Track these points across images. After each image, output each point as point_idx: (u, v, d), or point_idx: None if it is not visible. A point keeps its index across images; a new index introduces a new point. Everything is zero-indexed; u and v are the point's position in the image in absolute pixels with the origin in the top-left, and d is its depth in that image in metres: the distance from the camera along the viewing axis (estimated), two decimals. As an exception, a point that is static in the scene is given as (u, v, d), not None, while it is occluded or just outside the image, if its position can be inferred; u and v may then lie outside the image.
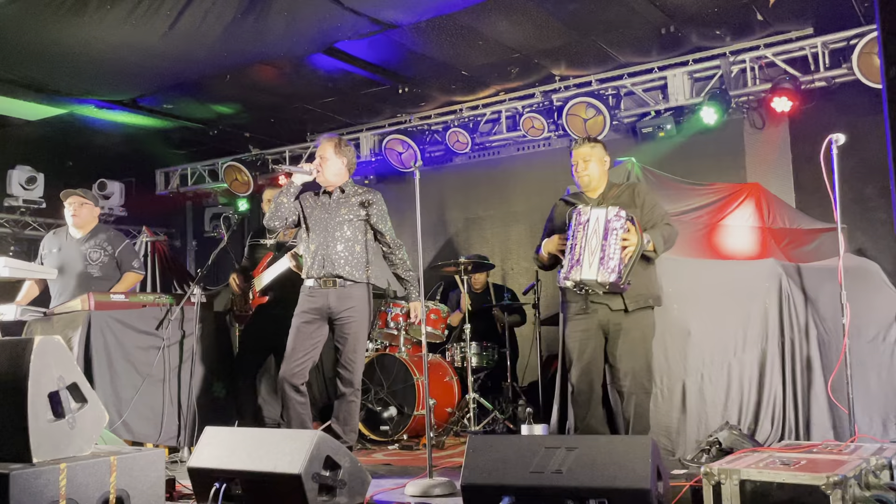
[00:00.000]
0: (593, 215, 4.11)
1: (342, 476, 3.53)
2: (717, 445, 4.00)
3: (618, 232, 4.02)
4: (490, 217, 8.30)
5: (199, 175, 9.76)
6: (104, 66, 6.52)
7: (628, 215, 4.07)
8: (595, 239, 4.04)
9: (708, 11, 6.06)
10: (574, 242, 4.12)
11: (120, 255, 5.61)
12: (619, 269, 4.00)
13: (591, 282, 4.05)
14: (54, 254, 5.55)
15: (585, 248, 4.07)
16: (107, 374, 4.81)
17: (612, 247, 4.01)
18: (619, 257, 4.00)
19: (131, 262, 5.66)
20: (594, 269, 4.03)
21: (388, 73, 7.21)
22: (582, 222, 4.13)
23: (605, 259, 4.01)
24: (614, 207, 4.08)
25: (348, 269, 4.60)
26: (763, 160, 6.80)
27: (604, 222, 4.05)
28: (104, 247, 5.57)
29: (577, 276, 4.07)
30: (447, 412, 6.26)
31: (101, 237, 5.62)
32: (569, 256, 4.14)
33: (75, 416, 3.26)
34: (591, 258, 4.04)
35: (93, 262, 5.51)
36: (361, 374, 4.69)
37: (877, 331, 4.57)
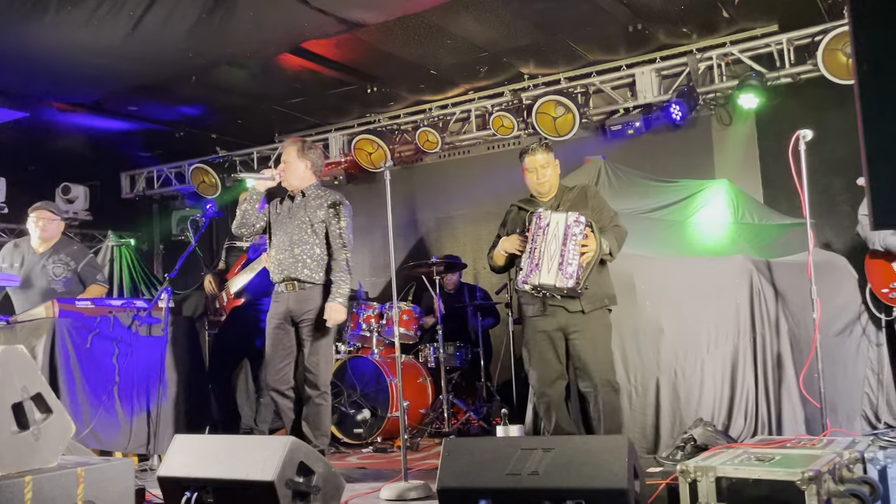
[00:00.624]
0: (553, 220, 4.09)
1: (316, 482, 3.48)
2: (692, 442, 4.01)
3: (577, 238, 4.01)
4: (461, 216, 8.27)
5: (165, 178, 9.61)
6: (66, 68, 6.40)
7: (588, 221, 4.06)
8: (555, 244, 4.03)
9: (674, 9, 6.10)
10: (534, 246, 4.10)
11: (83, 270, 5.59)
12: (577, 274, 3.99)
13: (549, 286, 4.04)
14: (16, 268, 5.51)
15: (545, 253, 4.05)
16: (73, 382, 4.70)
17: (571, 252, 4.00)
18: (578, 263, 4.00)
19: (94, 275, 5.66)
20: (552, 274, 4.01)
21: (356, 72, 7.15)
22: (542, 226, 4.10)
23: (563, 264, 4.00)
24: (574, 213, 4.07)
25: (307, 272, 4.58)
26: (731, 157, 6.86)
27: (563, 227, 4.04)
28: (67, 262, 5.55)
29: (536, 280, 4.06)
30: (421, 413, 6.23)
31: (63, 253, 5.59)
32: (528, 260, 4.11)
33: (40, 427, 3.17)
34: (550, 263, 4.03)
35: (55, 277, 5.49)
36: (328, 376, 4.64)
37: (844, 325, 4.63)
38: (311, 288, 4.58)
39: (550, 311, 4.20)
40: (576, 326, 4.17)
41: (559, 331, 4.21)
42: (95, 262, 5.77)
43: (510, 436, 3.99)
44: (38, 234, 5.54)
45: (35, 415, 3.18)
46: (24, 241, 5.67)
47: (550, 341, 4.23)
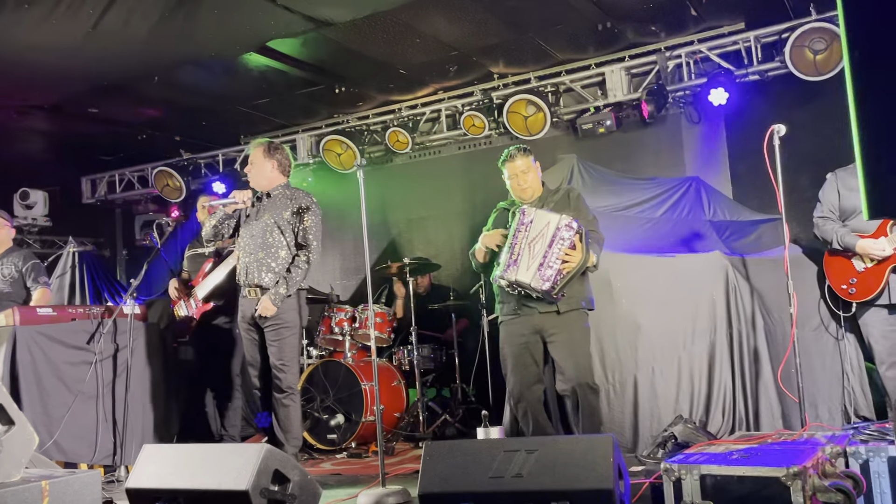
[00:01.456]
0: (539, 217, 4.03)
1: (292, 490, 3.38)
2: (673, 439, 3.99)
3: (564, 243, 3.95)
4: (433, 217, 8.20)
5: (127, 182, 9.40)
6: (24, 69, 6.21)
7: (579, 228, 3.99)
8: (540, 243, 3.97)
9: (643, 7, 6.09)
10: (514, 242, 4.05)
11: (28, 271, 5.57)
12: (555, 279, 3.94)
13: (525, 284, 3.99)
14: None
15: (525, 249, 4.00)
16: (35, 392, 4.54)
17: (554, 256, 3.95)
18: (558, 269, 3.94)
19: (38, 277, 5.63)
20: (531, 272, 3.97)
21: (323, 72, 7.04)
22: (525, 223, 4.06)
23: (543, 266, 3.94)
24: (567, 217, 3.99)
25: (270, 276, 4.54)
26: (701, 154, 6.87)
27: (553, 229, 3.97)
28: (15, 262, 5.59)
29: (513, 276, 4.01)
30: (396, 417, 6.14)
31: (14, 256, 5.65)
32: (507, 255, 4.07)
33: (2, 440, 3.05)
34: (531, 262, 3.98)
35: (4, 277, 5.52)
36: (294, 377, 4.60)
37: (820, 319, 4.63)
38: None
39: (524, 312, 4.15)
40: (552, 328, 4.12)
41: (536, 334, 4.16)
42: (41, 266, 5.78)
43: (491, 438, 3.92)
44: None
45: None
46: None
47: (527, 345, 4.18)
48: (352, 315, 6.37)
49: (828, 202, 4.68)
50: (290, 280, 4.49)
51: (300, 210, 4.55)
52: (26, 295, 5.55)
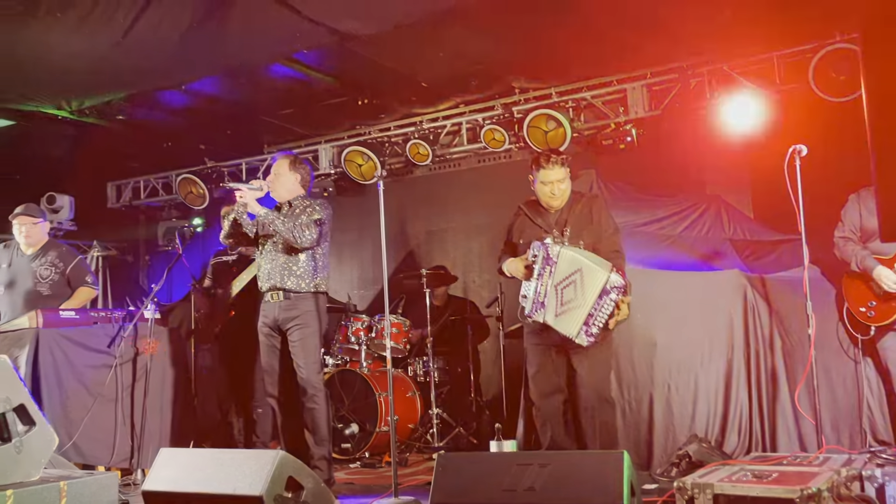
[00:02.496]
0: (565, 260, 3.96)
1: (305, 497, 3.41)
2: (688, 459, 3.97)
3: (612, 304, 3.91)
4: (451, 229, 8.24)
5: (152, 188, 9.51)
6: (54, 76, 6.32)
7: (625, 285, 3.95)
8: (572, 290, 3.90)
9: (666, 25, 6.10)
10: (540, 283, 4.00)
11: (72, 272, 5.55)
12: (598, 335, 3.93)
13: (557, 331, 3.97)
14: (3, 269, 5.47)
15: (552, 292, 3.95)
16: (56, 394, 4.61)
17: (602, 316, 3.90)
18: (602, 325, 3.92)
19: (84, 277, 5.60)
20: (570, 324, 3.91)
21: (347, 84, 7.10)
22: (550, 263, 3.99)
23: (589, 324, 3.90)
24: (615, 275, 3.91)
25: (293, 280, 4.63)
26: (722, 172, 6.85)
27: (600, 286, 3.89)
28: (55, 264, 5.51)
29: (541, 318, 4.00)
30: (410, 428, 6.16)
31: (52, 254, 5.56)
32: (533, 296, 4.02)
33: (22, 439, 3.10)
34: (561, 308, 3.92)
35: (42, 279, 5.45)
36: (318, 378, 4.64)
37: (839, 341, 4.60)
38: (296, 297, 4.63)
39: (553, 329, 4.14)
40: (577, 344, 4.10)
41: (560, 344, 4.16)
42: (85, 264, 5.75)
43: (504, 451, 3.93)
44: (23, 240, 5.57)
45: (17, 427, 3.11)
46: (12, 243, 5.67)
47: (549, 355, 4.18)
48: (368, 325, 6.41)
49: (849, 222, 4.65)
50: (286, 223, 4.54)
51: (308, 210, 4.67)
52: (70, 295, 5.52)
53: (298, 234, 4.52)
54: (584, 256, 3.99)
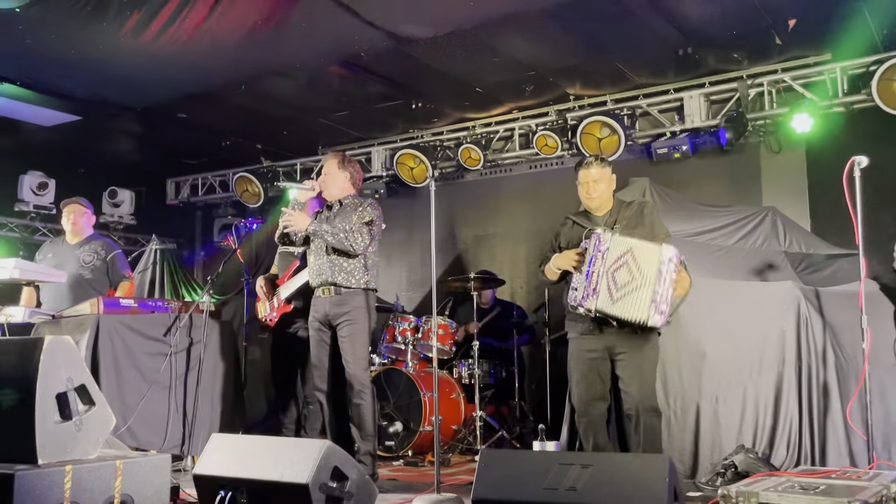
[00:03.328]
0: (616, 244, 3.96)
1: (349, 488, 3.47)
2: (733, 468, 3.93)
3: (672, 274, 3.87)
4: (500, 234, 8.25)
5: (209, 185, 9.76)
6: (120, 73, 6.52)
7: (680, 257, 3.94)
8: (626, 272, 3.88)
9: (726, 34, 6.05)
10: (591, 269, 4.00)
11: (111, 261, 5.78)
12: (668, 312, 3.89)
13: (615, 316, 3.95)
14: (49, 258, 5.76)
15: (603, 278, 3.94)
16: (113, 378, 4.76)
17: (666, 291, 3.85)
18: (670, 301, 3.88)
19: (121, 270, 5.84)
20: (633, 307, 3.86)
21: (402, 87, 7.19)
22: (602, 250, 3.99)
23: (657, 301, 3.84)
24: (669, 247, 3.90)
25: (343, 275, 4.71)
26: (779, 184, 6.75)
27: (656, 261, 3.87)
28: (97, 251, 5.78)
29: (592, 305, 3.97)
30: (453, 429, 6.19)
31: (94, 244, 5.84)
32: (585, 283, 4.01)
33: (82, 418, 3.21)
34: (617, 292, 3.90)
35: (85, 264, 5.70)
36: (365, 375, 4.69)
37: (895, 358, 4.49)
38: (347, 292, 4.69)
39: (598, 331, 4.13)
40: (623, 347, 4.09)
41: (605, 351, 4.14)
42: (123, 257, 5.97)
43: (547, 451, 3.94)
44: (70, 227, 5.85)
45: (78, 406, 3.22)
46: (59, 238, 5.98)
47: (594, 361, 4.16)
48: (415, 325, 6.47)
49: (909, 236, 4.55)
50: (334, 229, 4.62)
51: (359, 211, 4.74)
52: (108, 284, 5.75)
53: (350, 242, 4.61)
54: (633, 238, 4.00)
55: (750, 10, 5.59)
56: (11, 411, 3.06)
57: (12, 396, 3.06)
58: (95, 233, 6.03)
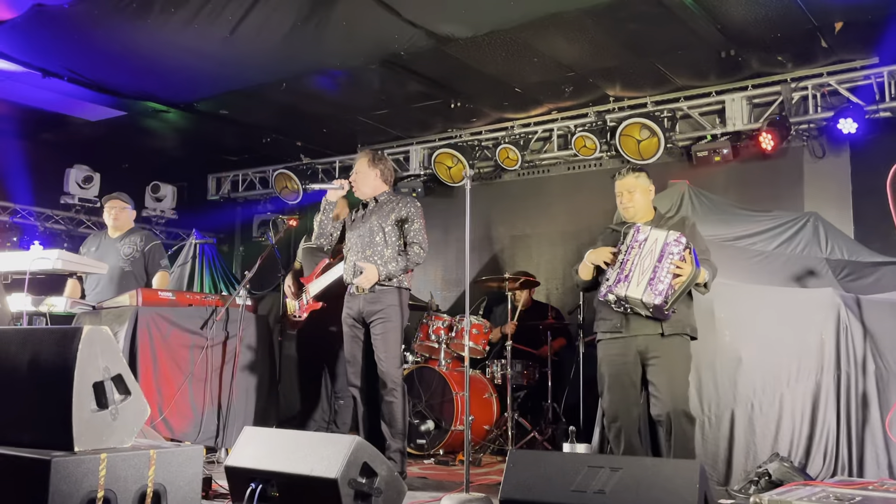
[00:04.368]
0: (652, 236, 4.03)
1: (378, 484, 3.48)
2: (767, 477, 3.86)
3: (673, 257, 3.92)
4: (536, 235, 8.22)
5: (249, 182, 9.88)
6: (165, 69, 6.64)
7: (688, 243, 3.97)
8: (649, 259, 3.96)
9: (770, 36, 5.95)
10: (626, 259, 4.04)
11: (149, 252, 5.87)
12: (667, 293, 3.90)
13: (636, 300, 3.96)
14: (92, 252, 5.87)
15: (637, 266, 3.98)
16: (151, 369, 4.85)
17: (664, 270, 3.92)
18: (669, 283, 3.91)
19: (159, 260, 5.92)
20: (641, 287, 3.94)
21: (441, 87, 7.20)
22: (639, 240, 4.04)
23: (654, 281, 3.92)
24: (675, 232, 3.99)
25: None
26: (822, 190, 6.62)
27: (661, 245, 3.97)
28: (136, 243, 5.87)
29: (623, 291, 3.98)
30: (485, 429, 6.18)
31: (135, 236, 5.93)
32: (617, 271, 4.05)
33: (118, 407, 3.26)
34: (641, 277, 3.96)
35: (125, 256, 5.80)
36: (397, 373, 4.70)
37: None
38: (381, 290, 4.70)
39: (627, 332, 4.11)
40: (654, 351, 4.07)
41: (636, 356, 4.12)
42: (161, 248, 6.06)
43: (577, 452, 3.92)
44: (111, 222, 5.94)
45: (114, 395, 3.27)
46: (102, 231, 6.09)
47: (626, 366, 4.14)
48: (449, 324, 6.47)
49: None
50: (399, 262, 4.66)
51: (404, 220, 4.74)
52: (146, 276, 5.87)
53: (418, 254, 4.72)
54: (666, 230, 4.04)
55: (795, 13, 5.50)
56: (50, 399, 3.12)
57: (51, 384, 3.13)
58: (136, 225, 6.15)
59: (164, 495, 3.20)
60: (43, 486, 2.80)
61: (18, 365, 3.22)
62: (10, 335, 3.47)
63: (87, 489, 2.93)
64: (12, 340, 3.36)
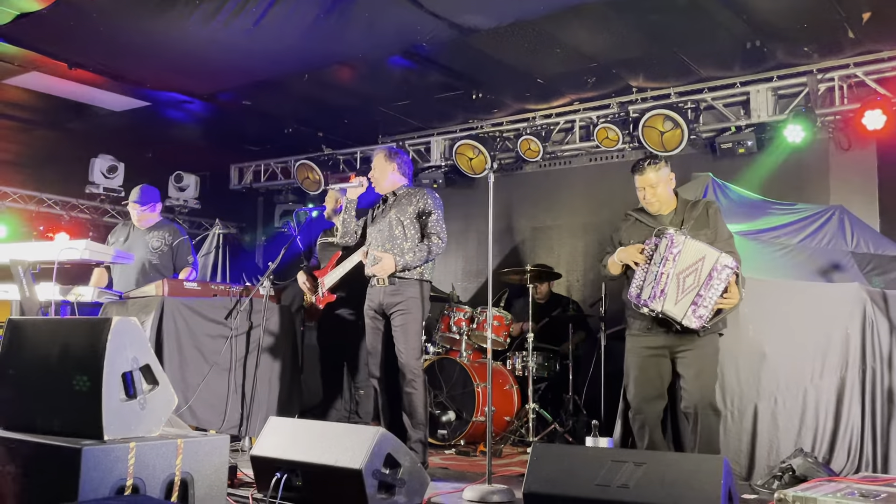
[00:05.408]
0: (689, 249, 3.93)
1: (402, 475, 3.51)
2: (791, 472, 3.85)
3: (722, 284, 3.86)
4: (557, 227, 8.21)
5: (271, 172, 9.93)
6: (188, 60, 6.68)
7: (736, 268, 3.90)
8: (693, 278, 3.89)
9: (796, 27, 5.88)
10: (661, 271, 3.95)
11: (176, 247, 5.92)
12: (707, 318, 3.86)
13: (675, 319, 3.92)
14: (120, 242, 5.91)
15: (673, 281, 3.91)
16: (176, 359, 4.90)
17: (710, 295, 3.85)
18: (712, 308, 3.86)
19: (185, 256, 5.97)
20: (681, 308, 3.88)
21: (463, 78, 7.20)
22: (674, 252, 3.94)
23: (697, 305, 3.86)
24: (726, 255, 3.89)
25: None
26: (848, 182, 6.55)
27: (709, 267, 3.88)
28: (164, 238, 5.92)
29: (658, 307, 3.94)
30: (506, 421, 6.20)
31: (163, 230, 5.99)
32: (653, 284, 3.97)
33: (146, 397, 3.31)
34: (680, 295, 3.90)
35: (153, 249, 5.85)
36: (417, 364, 4.73)
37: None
38: (401, 282, 4.74)
39: (658, 329, 4.10)
40: (684, 345, 4.05)
41: (665, 349, 4.11)
42: (188, 244, 6.12)
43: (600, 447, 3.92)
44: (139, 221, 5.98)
45: (142, 385, 3.32)
46: (130, 222, 6.11)
47: (653, 358, 4.13)
48: (470, 316, 6.48)
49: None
50: (417, 253, 4.69)
51: (422, 213, 4.77)
52: (173, 269, 5.94)
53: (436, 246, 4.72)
54: (704, 243, 3.97)
55: (821, 3, 5.44)
56: (80, 389, 3.17)
57: (81, 374, 3.18)
58: (164, 219, 6.19)
59: (191, 484, 3.25)
60: (74, 474, 2.85)
61: (49, 355, 3.28)
62: (41, 325, 3.54)
63: (116, 477, 2.98)
64: (43, 331, 3.42)
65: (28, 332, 3.41)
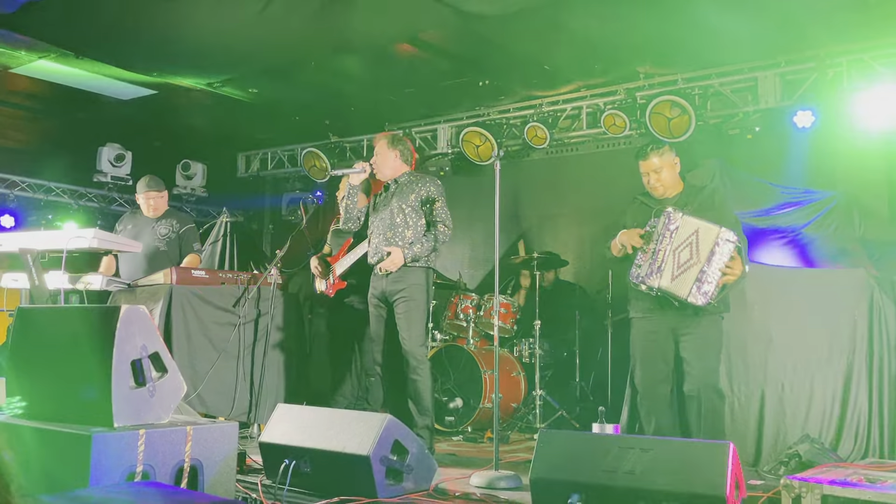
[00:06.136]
0: (685, 224, 3.95)
1: (409, 461, 3.54)
2: (797, 458, 3.86)
3: (724, 258, 3.86)
4: (564, 214, 8.19)
5: (278, 160, 9.93)
6: (196, 49, 6.68)
7: (738, 241, 3.90)
8: (687, 251, 3.89)
9: (804, 12, 5.83)
10: (658, 248, 3.98)
11: (184, 234, 5.97)
12: (712, 294, 3.87)
13: (671, 294, 3.94)
14: (129, 230, 5.94)
15: (670, 257, 3.93)
16: (185, 346, 4.93)
17: (713, 270, 3.86)
18: (716, 282, 3.87)
19: (192, 243, 6.01)
20: (684, 285, 3.89)
21: (469, 65, 7.16)
22: (671, 229, 3.98)
23: (702, 281, 3.86)
24: (727, 230, 3.89)
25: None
26: (856, 168, 6.50)
27: (712, 242, 3.88)
28: (172, 224, 5.97)
29: (655, 283, 3.96)
30: (513, 407, 6.22)
31: (171, 218, 6.04)
32: (650, 261, 4.00)
33: (156, 384, 3.34)
34: (678, 271, 3.91)
35: (161, 237, 5.90)
36: (422, 351, 4.76)
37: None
38: (405, 270, 4.75)
39: (660, 311, 4.12)
40: (687, 328, 4.08)
41: (669, 332, 4.13)
42: (196, 232, 6.16)
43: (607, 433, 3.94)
44: (151, 213, 6.03)
45: (152, 372, 3.35)
46: (139, 210, 6.16)
47: (658, 343, 4.15)
48: (477, 303, 6.50)
49: None
50: (424, 243, 4.70)
51: (426, 201, 4.78)
52: (180, 256, 5.97)
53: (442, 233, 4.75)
54: (701, 219, 3.97)
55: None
56: (90, 376, 3.20)
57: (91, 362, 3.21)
58: (171, 207, 6.25)
59: (200, 470, 3.28)
60: (84, 461, 2.88)
61: (59, 343, 3.31)
62: (51, 314, 3.57)
63: (126, 464, 3.01)
64: (53, 319, 3.45)
65: (38, 321, 3.44)
